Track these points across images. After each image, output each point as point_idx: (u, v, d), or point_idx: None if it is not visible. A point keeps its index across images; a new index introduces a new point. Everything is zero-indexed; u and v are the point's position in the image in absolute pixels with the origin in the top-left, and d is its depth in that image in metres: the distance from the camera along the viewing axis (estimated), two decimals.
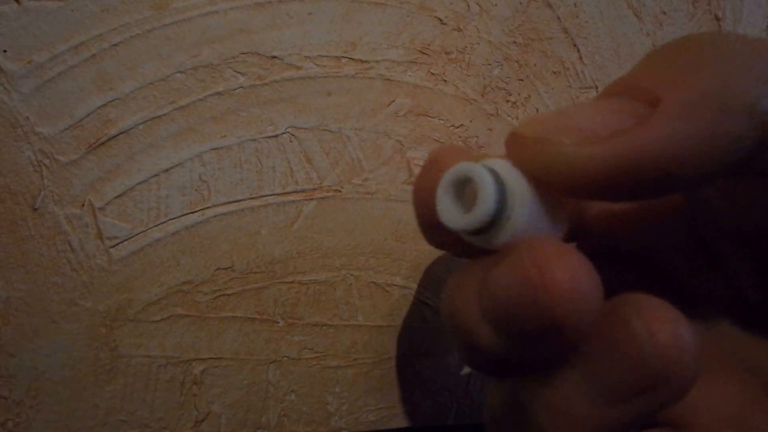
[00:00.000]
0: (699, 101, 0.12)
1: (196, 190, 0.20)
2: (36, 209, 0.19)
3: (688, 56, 0.13)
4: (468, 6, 0.22)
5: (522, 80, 0.23)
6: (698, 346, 0.12)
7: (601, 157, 0.12)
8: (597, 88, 0.25)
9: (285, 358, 0.21)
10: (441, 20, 0.22)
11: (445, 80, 0.22)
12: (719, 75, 0.12)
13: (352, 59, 0.21)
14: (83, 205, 0.19)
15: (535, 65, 0.23)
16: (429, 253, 0.23)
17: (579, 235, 0.18)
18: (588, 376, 0.13)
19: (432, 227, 0.15)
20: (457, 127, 0.23)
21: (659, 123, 0.12)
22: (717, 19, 0.25)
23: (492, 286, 0.13)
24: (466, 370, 0.24)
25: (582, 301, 0.12)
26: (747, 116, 0.12)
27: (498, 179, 0.13)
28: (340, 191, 0.21)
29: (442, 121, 0.22)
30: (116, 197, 0.19)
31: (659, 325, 0.12)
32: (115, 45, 0.19)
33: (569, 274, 0.12)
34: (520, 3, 0.23)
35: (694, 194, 0.16)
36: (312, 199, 0.21)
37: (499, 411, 0.15)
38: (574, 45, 0.24)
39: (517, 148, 0.14)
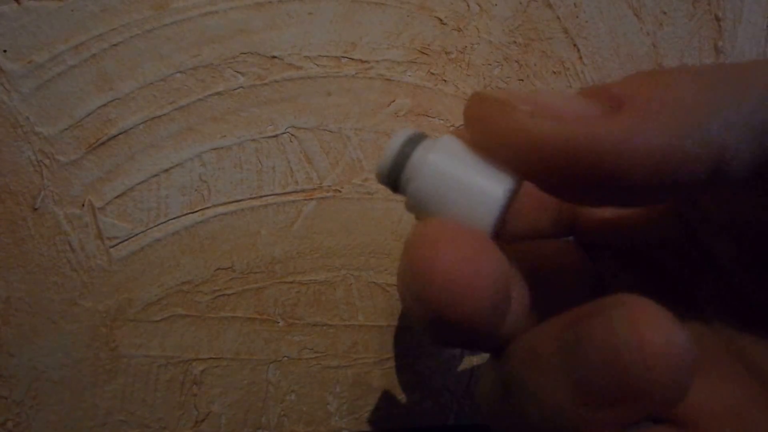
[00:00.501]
0: (660, 111, 0.12)
1: (196, 190, 0.20)
2: (36, 209, 0.19)
3: (662, 76, 0.13)
4: (468, 6, 0.22)
5: (522, 80, 0.23)
6: (693, 353, 0.11)
7: (555, 133, 0.12)
8: None
9: (285, 358, 0.21)
10: (441, 20, 0.22)
11: (445, 80, 0.22)
12: (686, 97, 0.12)
13: (352, 59, 0.21)
14: (83, 205, 0.19)
15: (535, 65, 0.23)
16: None
17: (574, 232, 0.18)
18: (574, 377, 0.12)
19: None
20: (457, 128, 0.23)
21: (620, 119, 0.12)
22: (717, 19, 0.25)
23: (401, 263, 0.13)
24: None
25: (464, 291, 0.11)
26: (700, 141, 0.11)
27: (417, 137, 0.14)
28: (340, 191, 0.21)
29: (442, 121, 0.22)
30: (116, 197, 0.19)
31: (650, 333, 0.11)
32: (115, 45, 0.19)
33: (451, 261, 0.11)
34: (520, 3, 0.23)
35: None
36: (312, 199, 0.21)
37: (490, 395, 0.15)
38: (574, 45, 0.24)
39: (475, 105, 0.13)
